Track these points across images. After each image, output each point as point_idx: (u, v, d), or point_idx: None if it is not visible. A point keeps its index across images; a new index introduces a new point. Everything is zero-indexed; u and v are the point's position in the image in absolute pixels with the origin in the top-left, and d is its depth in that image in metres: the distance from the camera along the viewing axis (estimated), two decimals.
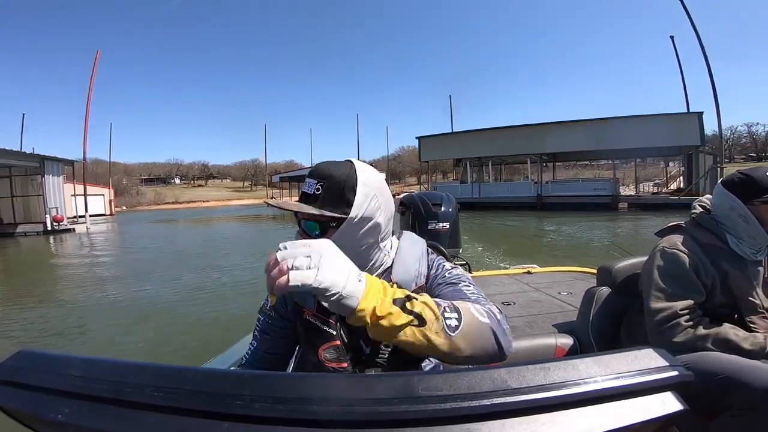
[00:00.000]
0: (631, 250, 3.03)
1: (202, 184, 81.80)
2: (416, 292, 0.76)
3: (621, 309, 1.40)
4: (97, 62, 24.98)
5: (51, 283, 7.77)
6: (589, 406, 0.29)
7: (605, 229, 12.68)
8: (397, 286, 0.75)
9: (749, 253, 1.13)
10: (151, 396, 0.31)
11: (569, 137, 21.75)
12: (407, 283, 0.77)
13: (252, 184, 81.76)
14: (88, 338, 4.41)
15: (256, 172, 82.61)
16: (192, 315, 4.86)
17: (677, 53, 22.00)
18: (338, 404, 0.29)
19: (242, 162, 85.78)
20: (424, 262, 0.82)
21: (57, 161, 18.57)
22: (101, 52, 25.77)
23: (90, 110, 22.77)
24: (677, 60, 21.98)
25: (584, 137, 21.57)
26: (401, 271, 0.77)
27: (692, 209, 1.27)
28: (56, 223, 17.45)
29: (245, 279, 6.73)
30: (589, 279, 2.56)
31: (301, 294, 0.77)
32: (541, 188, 21.57)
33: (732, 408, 0.90)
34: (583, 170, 27.37)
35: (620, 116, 21.04)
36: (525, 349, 1.37)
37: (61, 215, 17.95)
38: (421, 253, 0.82)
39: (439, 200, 3.17)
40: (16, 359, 0.37)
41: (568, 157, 27.28)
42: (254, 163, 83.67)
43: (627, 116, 20.95)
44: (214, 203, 60.83)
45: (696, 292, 1.11)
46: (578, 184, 23.45)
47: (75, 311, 5.34)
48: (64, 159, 19.36)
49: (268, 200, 0.79)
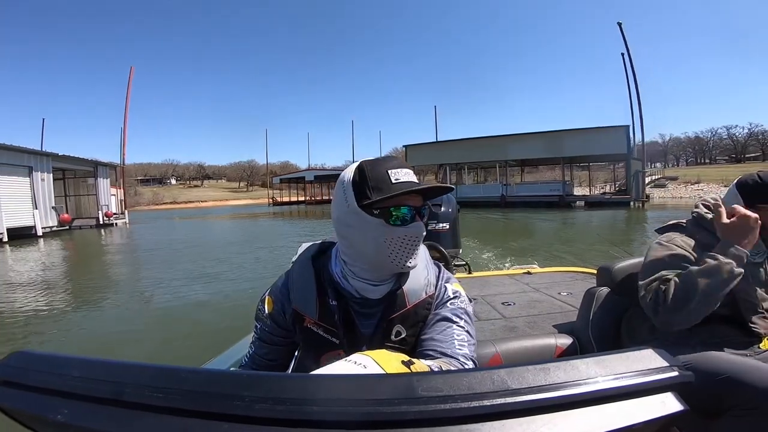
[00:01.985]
0: (564, 235, 4.11)
1: (198, 184, 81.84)
2: (425, 300, 0.76)
3: (621, 309, 1.40)
4: (131, 78, 29.04)
5: (148, 259, 10.72)
6: (589, 407, 0.29)
7: (545, 219, 17.34)
8: (407, 294, 0.75)
9: (749, 255, 1.13)
10: (150, 397, 0.31)
11: (527, 147, 26.72)
12: (417, 291, 0.75)
13: (248, 185, 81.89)
14: (206, 281, 6.96)
15: (252, 173, 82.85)
16: (258, 269, 8.09)
17: (626, 70, 25.77)
18: (338, 405, 0.29)
19: (238, 163, 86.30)
20: (432, 269, 0.80)
21: (105, 166, 22.64)
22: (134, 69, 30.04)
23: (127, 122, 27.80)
24: (626, 76, 25.74)
25: (539, 147, 26.20)
26: (412, 279, 0.76)
27: (694, 208, 1.27)
28: (106, 218, 21.13)
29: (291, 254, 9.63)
30: (589, 279, 2.56)
31: (303, 301, 0.77)
32: (505, 189, 26.24)
33: (733, 408, 0.90)
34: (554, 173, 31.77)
35: (567, 129, 26.00)
36: (525, 349, 1.37)
37: (111, 211, 21.78)
38: (427, 260, 0.80)
39: (439, 200, 3.16)
40: (14, 359, 0.37)
41: (531, 163, 32.51)
42: (250, 164, 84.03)
43: (572, 129, 25.83)
44: (213, 203, 60.87)
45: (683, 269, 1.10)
46: (536, 185, 28.34)
47: (180, 273, 7.75)
48: (110, 164, 23.44)
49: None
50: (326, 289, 0.75)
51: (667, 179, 36.65)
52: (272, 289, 0.82)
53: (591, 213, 20.22)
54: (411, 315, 0.74)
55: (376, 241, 0.70)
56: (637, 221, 16.31)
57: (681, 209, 18.59)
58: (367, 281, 0.74)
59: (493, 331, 1.92)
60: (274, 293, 0.81)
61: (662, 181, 35.66)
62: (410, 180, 0.71)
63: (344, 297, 0.75)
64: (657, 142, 72.39)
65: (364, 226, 0.70)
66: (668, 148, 73.44)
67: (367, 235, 0.70)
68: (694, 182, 33.92)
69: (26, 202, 15.88)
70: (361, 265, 0.74)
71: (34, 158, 16.55)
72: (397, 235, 0.69)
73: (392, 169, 0.70)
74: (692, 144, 71.08)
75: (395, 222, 0.69)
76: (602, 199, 25.45)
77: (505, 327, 1.94)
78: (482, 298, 2.43)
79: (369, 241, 0.70)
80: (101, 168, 21.77)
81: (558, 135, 25.77)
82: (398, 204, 0.69)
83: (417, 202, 0.72)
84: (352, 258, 0.75)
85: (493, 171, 31.01)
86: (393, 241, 0.69)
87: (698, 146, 69.34)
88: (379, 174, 0.70)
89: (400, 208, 0.69)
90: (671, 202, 27.29)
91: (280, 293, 0.80)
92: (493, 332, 1.90)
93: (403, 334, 0.74)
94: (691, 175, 36.47)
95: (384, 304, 0.74)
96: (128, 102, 27.96)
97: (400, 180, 0.69)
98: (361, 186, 0.70)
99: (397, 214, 0.69)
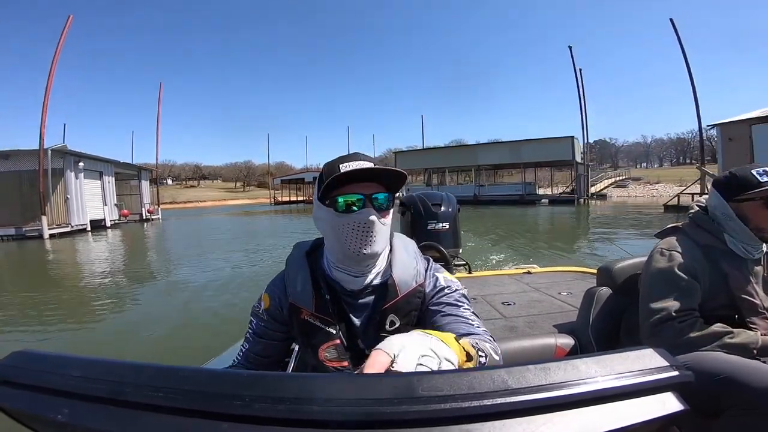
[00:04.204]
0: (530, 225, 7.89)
1: (195, 185, 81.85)
2: (416, 289, 0.77)
3: (621, 309, 1.40)
4: (161, 94, 32.39)
5: (205, 242, 13.66)
6: (589, 407, 0.29)
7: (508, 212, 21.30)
8: (398, 284, 0.76)
9: (746, 251, 1.13)
10: (150, 396, 0.31)
11: (494, 153, 32.99)
12: (407, 281, 0.78)
13: (244, 185, 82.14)
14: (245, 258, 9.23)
15: (248, 173, 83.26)
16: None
17: (578, 86, 30.20)
18: (338, 404, 0.29)
19: (235, 163, 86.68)
20: (421, 260, 0.83)
21: (147, 170, 27.45)
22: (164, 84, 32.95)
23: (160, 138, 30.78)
24: (578, 92, 30.11)
25: (504, 154, 32.22)
26: (401, 269, 0.78)
27: (690, 209, 1.27)
28: (148, 213, 25.06)
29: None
30: (589, 279, 2.56)
31: (299, 294, 0.78)
32: (478, 189, 32.25)
33: (732, 408, 0.90)
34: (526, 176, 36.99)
35: (526, 139, 31.54)
36: (525, 349, 1.37)
37: (152, 208, 25.92)
38: (415, 252, 0.83)
39: (439, 200, 3.14)
40: (14, 359, 0.37)
41: (503, 167, 38.57)
42: (247, 164, 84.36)
43: (529, 139, 31.36)
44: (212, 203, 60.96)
45: (691, 295, 1.11)
46: (504, 186, 34.75)
47: (231, 254, 9.89)
48: (149, 168, 28.43)
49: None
50: (320, 282, 0.78)
51: (631, 180, 42.45)
52: (269, 286, 0.85)
53: (550, 208, 24.42)
54: (403, 304, 0.77)
55: (333, 230, 0.74)
56: (572, 213, 20.98)
57: (628, 206, 24.37)
58: (345, 272, 0.77)
59: (493, 331, 1.92)
60: (270, 289, 0.84)
61: (625, 182, 41.50)
62: (358, 169, 0.72)
63: (335, 290, 0.79)
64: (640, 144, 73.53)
65: (324, 216, 0.75)
66: (651, 149, 74.59)
67: (326, 225, 0.75)
68: (654, 183, 38.53)
69: (99, 200, 20.02)
70: (336, 255, 0.77)
71: (103, 164, 20.86)
72: (345, 222, 0.72)
73: (344, 162, 0.73)
74: (675, 145, 72.28)
75: (341, 209, 0.72)
76: (557, 197, 31.45)
77: (505, 327, 1.94)
78: (482, 298, 2.43)
79: (329, 230, 0.75)
80: (143, 172, 26.22)
81: (518, 144, 31.48)
82: (342, 193, 0.72)
83: (368, 189, 0.73)
84: (328, 250, 0.80)
85: (470, 173, 36.55)
86: (343, 228, 0.73)
87: (680, 147, 70.26)
88: (332, 168, 0.73)
89: (345, 195, 0.72)
90: (628, 200, 31.75)
91: (277, 288, 0.83)
92: (493, 332, 1.89)
93: (398, 324, 0.76)
94: (652, 176, 41.46)
95: (375, 295, 0.78)
96: (159, 116, 31.34)
97: (348, 170, 0.71)
98: (320, 180, 0.74)
99: (342, 201, 0.72)
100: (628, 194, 36.45)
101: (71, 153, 17.70)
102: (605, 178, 41.73)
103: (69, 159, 17.43)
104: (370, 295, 0.78)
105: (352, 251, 0.73)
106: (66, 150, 17.48)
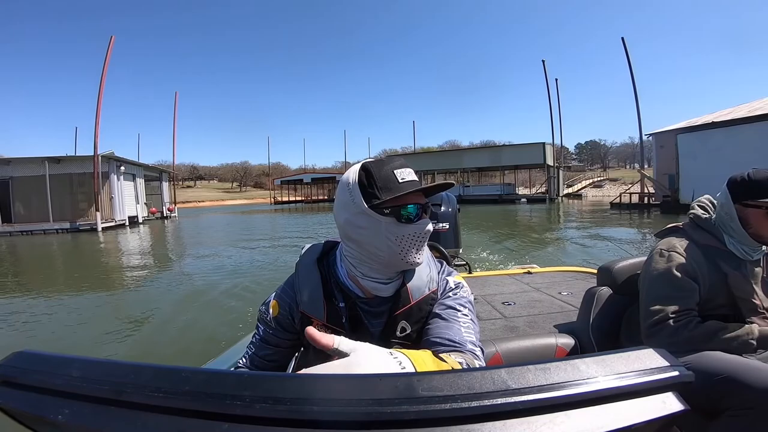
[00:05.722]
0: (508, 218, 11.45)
1: (191, 185, 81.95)
2: (428, 296, 0.77)
3: (621, 309, 1.40)
4: (176, 103, 35.36)
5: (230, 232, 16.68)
6: (590, 407, 0.29)
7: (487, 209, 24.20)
8: (411, 290, 0.76)
9: (744, 253, 1.13)
10: (150, 396, 0.31)
11: (476, 157, 38.18)
12: (420, 287, 0.76)
13: (240, 185, 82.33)
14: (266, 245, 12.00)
15: (245, 174, 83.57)
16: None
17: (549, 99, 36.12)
18: (338, 405, 0.29)
19: (231, 164, 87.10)
20: (434, 265, 0.82)
21: (166, 172, 30.70)
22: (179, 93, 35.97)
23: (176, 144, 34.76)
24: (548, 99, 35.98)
25: (485, 158, 37.35)
26: (415, 275, 0.77)
27: (690, 209, 1.27)
28: (169, 211, 28.42)
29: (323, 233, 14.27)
30: (589, 279, 2.56)
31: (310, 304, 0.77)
32: (462, 190, 35.90)
33: (732, 408, 0.90)
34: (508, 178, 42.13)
35: (504, 144, 36.80)
36: (525, 349, 1.37)
37: (171, 206, 29.22)
38: (428, 257, 0.81)
39: (439, 200, 3.15)
40: (14, 359, 0.37)
41: (487, 170, 42.61)
42: (243, 165, 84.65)
43: (507, 144, 36.81)
44: (210, 203, 61.10)
45: (690, 295, 1.11)
46: (486, 187, 39.26)
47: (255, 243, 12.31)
48: (168, 171, 31.88)
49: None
50: (333, 291, 0.76)
51: (609, 181, 46.57)
52: (278, 293, 0.82)
53: (528, 206, 27.75)
54: (415, 311, 0.76)
55: (387, 239, 0.72)
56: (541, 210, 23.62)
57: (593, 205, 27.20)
58: (377, 280, 0.75)
59: (493, 330, 1.92)
60: (280, 297, 0.81)
61: (602, 183, 45.65)
62: (414, 179, 0.74)
63: (351, 298, 0.76)
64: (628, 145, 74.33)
65: (375, 226, 0.72)
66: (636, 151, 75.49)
67: (379, 235, 0.72)
68: (629, 183, 40.57)
69: (133, 199, 23.13)
70: (371, 265, 0.75)
71: (136, 168, 24.09)
72: (408, 233, 0.72)
73: (397, 169, 0.73)
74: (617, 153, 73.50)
75: (405, 220, 0.72)
76: (533, 196, 35.80)
77: (506, 327, 1.94)
78: (482, 298, 2.43)
79: (381, 240, 0.72)
80: (164, 174, 29.73)
81: (498, 149, 36.66)
82: (406, 202, 0.72)
83: (422, 199, 0.75)
84: (359, 260, 0.76)
85: (456, 176, 40.55)
86: (404, 239, 0.72)
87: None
88: (386, 174, 0.72)
89: (407, 206, 0.72)
90: (604, 199, 34.72)
91: (287, 297, 0.80)
92: (494, 332, 1.90)
93: (408, 330, 0.75)
94: (630, 177, 43.26)
95: (391, 301, 0.76)
96: (175, 123, 34.79)
97: (405, 179, 0.73)
98: (369, 187, 0.72)
99: (406, 212, 0.72)
100: (603, 194, 40.53)
101: (115, 158, 20.90)
102: (584, 179, 45.97)
103: (113, 163, 20.65)
104: (387, 302, 0.77)
105: (406, 261, 0.72)
106: (112, 156, 20.60)
